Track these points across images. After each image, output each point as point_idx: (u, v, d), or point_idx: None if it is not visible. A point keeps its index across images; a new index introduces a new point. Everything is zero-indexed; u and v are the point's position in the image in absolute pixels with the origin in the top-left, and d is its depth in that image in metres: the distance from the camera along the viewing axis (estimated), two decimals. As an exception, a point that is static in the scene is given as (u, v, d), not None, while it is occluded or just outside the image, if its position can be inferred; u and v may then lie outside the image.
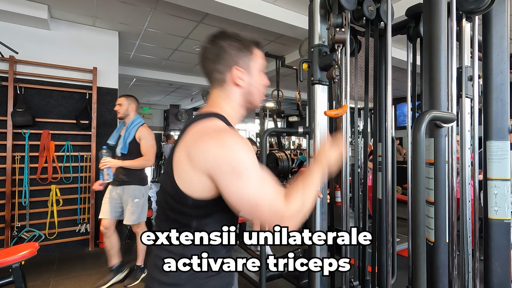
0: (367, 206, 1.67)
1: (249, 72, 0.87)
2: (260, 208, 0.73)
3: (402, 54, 4.42)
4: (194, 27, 3.87)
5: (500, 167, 1.19)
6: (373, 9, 1.40)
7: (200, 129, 0.78)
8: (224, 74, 0.85)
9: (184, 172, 0.76)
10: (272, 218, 0.74)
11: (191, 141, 0.76)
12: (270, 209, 0.73)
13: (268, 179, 0.76)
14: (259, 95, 0.91)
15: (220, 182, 0.73)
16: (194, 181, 0.75)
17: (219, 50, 0.85)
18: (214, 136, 0.75)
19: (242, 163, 0.72)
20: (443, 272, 1.05)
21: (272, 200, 0.74)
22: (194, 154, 0.75)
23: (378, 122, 1.56)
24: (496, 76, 1.21)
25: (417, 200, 0.84)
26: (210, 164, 0.72)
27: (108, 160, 2.45)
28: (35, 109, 3.38)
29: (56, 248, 3.47)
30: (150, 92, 7.93)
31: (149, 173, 10.66)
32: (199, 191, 0.76)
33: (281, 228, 0.75)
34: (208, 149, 0.73)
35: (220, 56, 0.84)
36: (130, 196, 2.58)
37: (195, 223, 0.80)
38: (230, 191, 0.73)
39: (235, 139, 0.74)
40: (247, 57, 0.86)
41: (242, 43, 0.86)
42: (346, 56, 1.43)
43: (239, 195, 0.73)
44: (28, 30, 3.41)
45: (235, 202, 0.74)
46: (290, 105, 9.23)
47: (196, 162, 0.74)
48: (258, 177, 0.74)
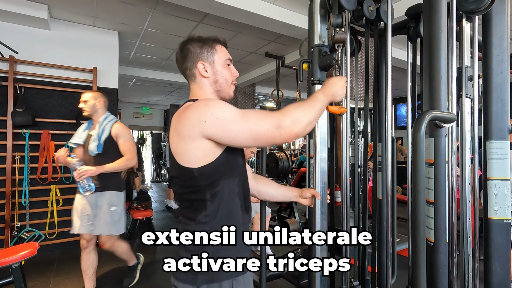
0: (367, 206, 1.67)
1: (212, 64, 1.00)
2: (257, 129, 0.83)
3: (402, 54, 4.42)
4: (194, 27, 3.87)
5: (500, 167, 1.19)
6: (373, 9, 1.40)
7: (179, 111, 0.91)
8: (192, 70, 1.00)
9: (179, 148, 0.87)
10: (272, 132, 0.83)
11: (174, 121, 0.89)
12: (265, 124, 0.83)
13: (248, 110, 0.88)
14: (226, 83, 1.03)
15: (211, 130, 0.83)
16: (190, 152, 0.86)
17: (186, 52, 1.01)
18: (189, 108, 0.87)
19: (218, 108, 0.84)
20: (443, 272, 1.05)
21: (262, 117, 0.84)
22: (179, 127, 0.86)
23: (378, 122, 1.56)
24: (496, 76, 1.21)
25: (417, 200, 0.84)
26: (195, 126, 0.83)
27: (86, 169, 2.07)
28: (35, 109, 3.38)
29: (56, 248, 3.47)
30: (150, 92, 7.93)
31: (149, 173, 10.65)
32: (197, 159, 0.86)
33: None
34: (188, 117, 0.85)
35: (187, 56, 1.00)
36: (105, 203, 2.24)
37: (208, 195, 0.88)
38: (226, 134, 0.84)
39: (204, 100, 0.88)
40: (208, 52, 1.00)
41: (203, 42, 1.01)
42: (346, 56, 1.43)
43: (234, 132, 0.83)
44: (28, 30, 3.41)
45: (234, 139, 0.85)
46: (290, 105, 9.21)
47: (183, 133, 0.85)
48: (238, 111, 0.86)
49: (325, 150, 1.32)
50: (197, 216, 0.89)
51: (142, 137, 10.32)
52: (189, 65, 1.00)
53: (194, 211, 0.90)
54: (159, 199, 6.98)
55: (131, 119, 9.88)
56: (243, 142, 0.85)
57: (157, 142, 10.68)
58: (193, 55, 1.00)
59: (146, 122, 10.26)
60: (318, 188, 1.30)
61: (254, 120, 0.84)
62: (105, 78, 3.82)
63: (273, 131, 0.83)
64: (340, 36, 1.17)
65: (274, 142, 0.86)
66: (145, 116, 10.15)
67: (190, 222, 0.90)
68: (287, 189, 1.22)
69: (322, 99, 0.95)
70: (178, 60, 1.04)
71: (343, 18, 1.22)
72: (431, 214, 1.07)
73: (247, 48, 4.69)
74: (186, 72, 1.02)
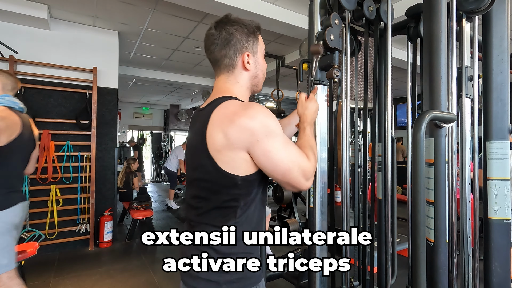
0: (368, 206, 1.66)
1: (255, 56, 0.90)
2: (291, 170, 0.81)
3: (402, 54, 4.42)
4: (194, 27, 3.87)
5: (500, 167, 1.19)
6: (373, 9, 1.40)
7: (228, 109, 0.80)
8: (233, 60, 0.87)
9: (222, 153, 0.79)
10: (301, 176, 0.82)
11: (225, 122, 0.78)
12: (300, 167, 0.82)
13: (291, 142, 0.84)
14: (263, 78, 0.95)
15: (256, 151, 0.78)
16: (236, 160, 0.79)
17: (227, 35, 0.86)
18: (246, 115, 0.78)
19: (272, 130, 0.79)
20: (443, 272, 1.05)
21: (299, 159, 0.82)
22: (231, 133, 0.77)
23: (378, 122, 1.56)
24: (496, 76, 1.21)
25: (417, 200, 0.84)
26: (245, 139, 0.77)
27: None
28: (35, 109, 3.37)
29: (56, 248, 3.47)
30: (150, 92, 7.93)
31: (149, 173, 10.65)
32: (243, 168, 0.81)
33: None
34: (243, 126, 0.77)
35: (231, 42, 0.86)
36: None
37: (242, 203, 0.83)
38: (266, 155, 0.79)
39: (261, 110, 0.80)
40: (253, 42, 0.89)
41: (248, 29, 0.88)
42: (346, 56, 1.43)
43: (273, 157, 0.79)
44: (28, 30, 3.41)
45: (269, 164, 0.80)
46: (290, 105, 9.23)
47: (232, 140, 0.78)
48: (285, 141, 0.82)
49: (325, 150, 1.32)
50: (227, 222, 0.83)
51: (142, 137, 10.32)
52: (231, 53, 0.87)
53: (224, 218, 0.83)
54: (159, 199, 6.98)
55: (131, 119, 9.88)
56: (272, 174, 0.82)
57: (157, 142, 10.68)
58: (239, 42, 0.86)
59: (146, 122, 10.26)
60: (318, 188, 1.30)
61: (294, 162, 0.81)
62: (105, 78, 3.82)
63: (302, 177, 0.83)
64: (314, 48, 1.13)
65: (296, 183, 0.83)
66: (145, 116, 10.15)
67: (215, 228, 0.84)
68: (288, 120, 1.24)
69: (310, 135, 0.97)
70: (215, 43, 0.87)
71: (331, 20, 1.20)
72: (431, 214, 1.07)
73: (247, 48, 4.68)
74: (223, 60, 0.88)
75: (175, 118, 9.78)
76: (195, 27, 3.86)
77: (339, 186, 2.03)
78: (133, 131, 10.16)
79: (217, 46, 0.87)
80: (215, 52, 0.88)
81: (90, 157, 3.63)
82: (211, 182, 0.82)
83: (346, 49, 1.45)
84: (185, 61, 5.31)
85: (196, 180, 0.87)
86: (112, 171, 3.85)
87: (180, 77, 6.23)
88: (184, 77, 6.26)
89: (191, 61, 5.34)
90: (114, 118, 3.89)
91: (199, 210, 0.86)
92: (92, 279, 2.75)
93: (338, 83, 1.45)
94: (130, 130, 10.08)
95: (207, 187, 0.84)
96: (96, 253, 3.46)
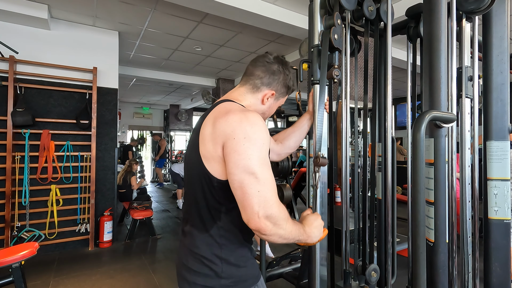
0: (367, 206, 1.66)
1: (275, 101, 1.00)
2: (250, 186, 0.72)
3: (402, 54, 4.42)
4: (194, 27, 3.87)
5: (500, 167, 1.19)
6: (373, 9, 1.40)
7: (227, 108, 0.84)
8: (262, 87, 0.95)
9: (207, 146, 0.80)
10: (260, 203, 0.72)
11: (219, 116, 0.81)
12: (260, 193, 0.72)
13: (269, 166, 0.78)
14: (264, 118, 1.03)
15: (227, 147, 0.76)
16: (215, 158, 0.79)
17: (276, 70, 0.95)
18: (240, 113, 0.80)
19: (254, 138, 0.76)
20: (443, 272, 1.05)
21: (268, 186, 0.74)
22: (218, 125, 0.79)
23: (378, 122, 1.56)
24: (496, 76, 1.21)
25: (417, 200, 0.84)
26: (227, 133, 0.77)
27: None
28: (35, 109, 3.38)
29: (56, 248, 3.47)
30: (150, 92, 7.93)
31: (148, 173, 10.64)
32: (219, 172, 0.80)
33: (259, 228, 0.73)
34: (230, 121, 0.78)
35: (273, 76, 0.95)
36: None
37: (224, 208, 0.83)
38: (231, 157, 0.75)
39: (258, 119, 0.80)
40: (284, 92, 1.00)
41: (289, 82, 1.00)
42: (346, 56, 1.43)
43: (237, 162, 0.74)
44: (28, 30, 3.41)
45: (233, 164, 0.75)
46: (290, 105, 9.22)
47: (217, 135, 0.79)
48: (263, 159, 0.76)
49: (325, 150, 1.31)
50: (214, 225, 0.84)
51: (142, 137, 10.32)
52: (266, 81, 0.94)
53: (211, 220, 0.84)
54: (159, 199, 6.98)
55: (131, 119, 9.88)
56: (231, 177, 0.75)
57: (157, 142, 10.67)
58: (276, 82, 0.96)
59: (146, 122, 10.26)
60: (318, 188, 1.30)
61: (260, 181, 0.73)
62: (105, 78, 3.82)
63: (258, 208, 0.72)
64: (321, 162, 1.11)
65: (247, 221, 0.74)
66: (145, 116, 10.15)
67: (202, 232, 0.85)
68: (300, 124, 1.25)
69: (302, 236, 0.86)
70: (264, 65, 0.95)
71: (334, 19, 1.20)
72: (431, 214, 1.07)
73: (247, 48, 4.68)
74: (256, 79, 0.94)
75: (175, 118, 9.78)
76: (195, 27, 3.86)
77: (339, 186, 2.03)
78: (133, 131, 10.16)
79: (263, 67, 0.95)
80: (257, 68, 0.95)
81: (90, 157, 3.63)
82: (196, 179, 0.85)
83: (346, 49, 1.45)
84: (185, 61, 5.31)
85: (188, 177, 0.91)
86: (112, 171, 3.85)
87: (180, 77, 6.23)
88: (184, 77, 6.27)
89: (191, 61, 5.34)
90: (114, 118, 3.89)
91: (191, 209, 0.90)
92: (92, 279, 2.75)
93: (338, 83, 1.45)
94: (130, 130, 10.08)
95: (195, 185, 0.86)
96: (96, 253, 3.46)
